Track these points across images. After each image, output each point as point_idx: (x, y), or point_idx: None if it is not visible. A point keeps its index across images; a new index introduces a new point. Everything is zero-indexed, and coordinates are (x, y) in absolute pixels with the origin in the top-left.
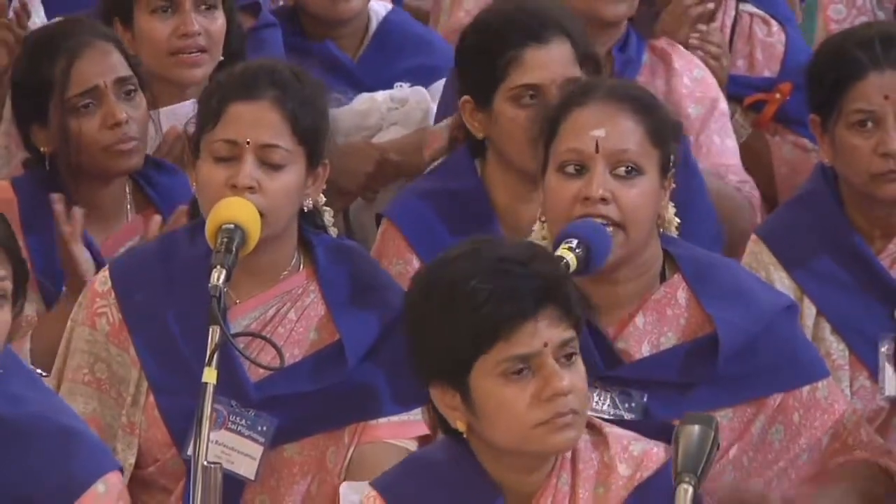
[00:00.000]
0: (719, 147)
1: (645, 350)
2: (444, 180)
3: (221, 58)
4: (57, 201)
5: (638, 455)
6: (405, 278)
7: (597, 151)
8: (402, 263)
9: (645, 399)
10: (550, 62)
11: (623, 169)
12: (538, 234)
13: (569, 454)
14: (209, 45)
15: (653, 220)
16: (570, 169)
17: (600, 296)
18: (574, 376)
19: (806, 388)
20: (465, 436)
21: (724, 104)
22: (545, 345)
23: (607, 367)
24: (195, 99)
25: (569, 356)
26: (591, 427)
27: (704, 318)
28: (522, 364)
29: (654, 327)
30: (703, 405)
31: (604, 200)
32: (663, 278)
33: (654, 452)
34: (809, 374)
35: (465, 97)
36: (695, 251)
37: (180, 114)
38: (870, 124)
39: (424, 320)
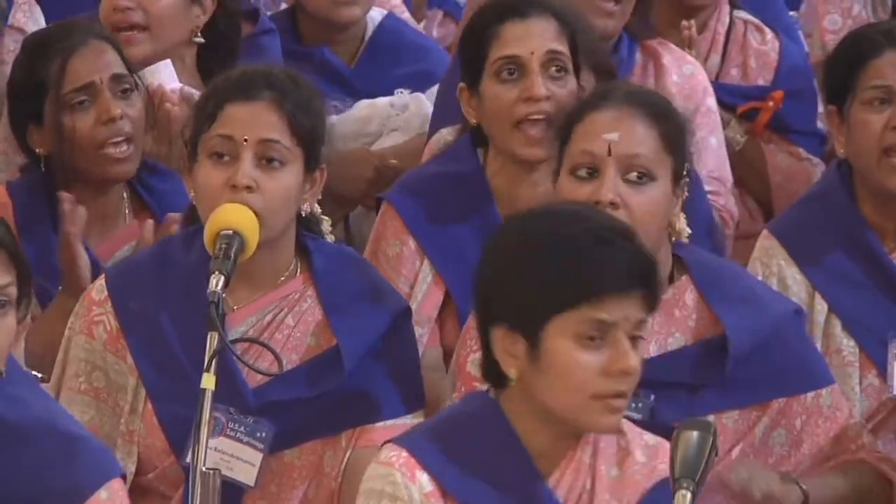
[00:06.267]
0: (699, 146)
1: (653, 350)
2: (444, 164)
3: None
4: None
5: (653, 445)
6: (402, 259)
7: (609, 154)
8: (398, 244)
9: (652, 399)
10: (528, 35)
11: (635, 174)
12: None
13: None
14: (147, 21)
15: (662, 229)
16: (582, 172)
17: None
18: (638, 360)
19: (810, 395)
20: (512, 383)
21: (712, 100)
22: (626, 319)
23: None
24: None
25: (636, 338)
26: None
27: (712, 319)
28: (598, 332)
29: (661, 328)
30: (711, 407)
31: (613, 205)
32: (671, 280)
33: (668, 448)
34: (815, 380)
35: (461, 84)
36: (705, 256)
37: (162, 70)
38: (884, 103)
39: (513, 263)
